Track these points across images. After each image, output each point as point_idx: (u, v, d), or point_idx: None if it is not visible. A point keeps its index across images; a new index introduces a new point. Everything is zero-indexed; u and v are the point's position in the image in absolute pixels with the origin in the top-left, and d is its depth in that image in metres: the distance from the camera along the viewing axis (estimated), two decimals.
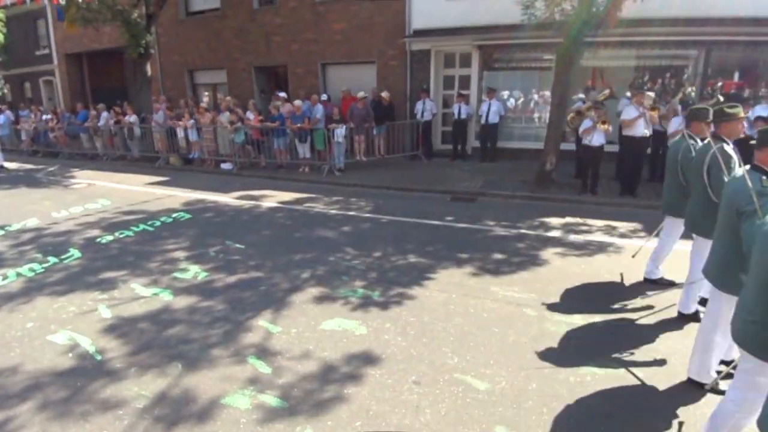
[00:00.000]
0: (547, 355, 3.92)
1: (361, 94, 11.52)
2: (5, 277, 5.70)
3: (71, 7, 12.89)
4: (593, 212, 7.94)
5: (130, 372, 3.79)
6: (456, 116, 11.87)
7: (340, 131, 11.03)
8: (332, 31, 13.59)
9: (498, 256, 6.02)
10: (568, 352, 3.96)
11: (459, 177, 10.41)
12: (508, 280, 5.29)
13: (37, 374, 3.80)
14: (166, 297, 5.07)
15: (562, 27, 8.23)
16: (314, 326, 4.41)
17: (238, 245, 6.58)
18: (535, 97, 12.22)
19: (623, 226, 7.24)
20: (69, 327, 4.50)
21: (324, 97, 12.35)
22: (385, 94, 12.08)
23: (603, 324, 4.37)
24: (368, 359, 3.89)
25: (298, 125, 11.27)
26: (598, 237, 6.82)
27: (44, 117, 16.31)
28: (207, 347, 4.11)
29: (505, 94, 12.33)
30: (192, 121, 12.45)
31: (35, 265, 6.03)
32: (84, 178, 11.90)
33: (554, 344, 4.08)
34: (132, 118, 13.67)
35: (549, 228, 7.15)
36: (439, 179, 10.22)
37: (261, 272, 5.67)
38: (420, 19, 12.33)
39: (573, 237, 6.75)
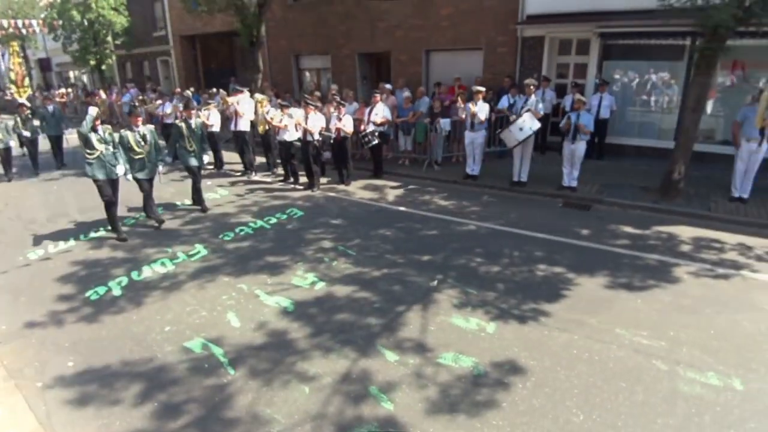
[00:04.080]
0: (678, 422, 3.63)
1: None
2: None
3: None
4: (727, 229, 7.31)
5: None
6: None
7: (446, 122, 10.73)
8: (439, 16, 13.21)
9: (622, 290, 5.60)
10: (702, 420, 3.64)
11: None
12: (634, 321, 4.93)
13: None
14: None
15: (706, 22, 7.25)
16: (431, 358, 4.42)
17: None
18: (660, 89, 11.11)
19: (761, 245, 6.51)
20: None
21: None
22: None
23: (742, 389, 3.94)
24: (489, 404, 3.85)
25: (401, 119, 11.21)
26: (731, 256, 6.34)
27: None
28: None
29: (619, 85, 11.34)
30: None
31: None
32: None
33: (687, 408, 3.76)
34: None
35: (677, 253, 6.54)
36: (548, 177, 9.65)
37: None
38: (535, 4, 11.58)
39: (706, 267, 6.12)
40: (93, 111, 7.03)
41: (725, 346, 4.50)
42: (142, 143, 7.42)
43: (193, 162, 8.41)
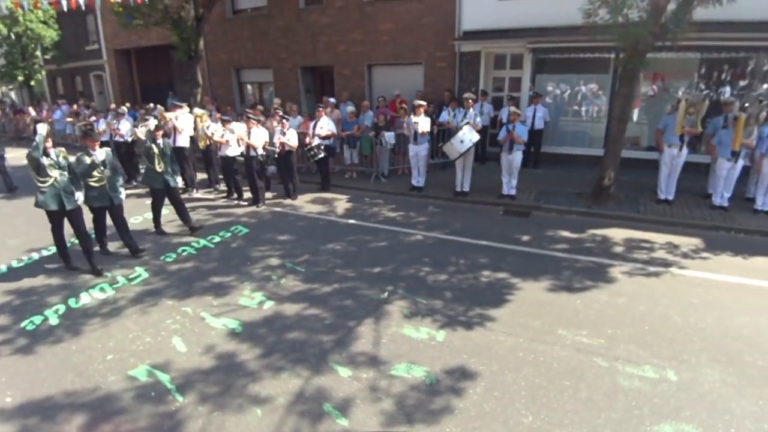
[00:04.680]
0: (620, 415, 3.83)
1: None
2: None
3: (115, 6, 13.06)
4: (655, 230, 7.88)
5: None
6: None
7: (390, 135, 10.87)
8: (379, 31, 13.45)
9: (562, 292, 5.88)
10: (642, 412, 3.86)
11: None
12: (574, 321, 5.18)
13: None
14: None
15: (627, 38, 7.81)
16: (384, 371, 4.44)
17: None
18: (589, 100, 11.82)
19: (687, 243, 7.05)
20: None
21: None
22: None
23: (676, 380, 4.22)
24: (444, 411, 3.91)
25: (346, 132, 11.28)
26: (661, 255, 6.84)
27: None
28: None
29: (552, 97, 11.98)
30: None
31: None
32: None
33: (628, 401, 3.98)
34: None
35: (611, 255, 6.94)
36: (489, 187, 10.01)
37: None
38: (470, 20, 12.05)
39: (639, 266, 6.53)
40: (42, 129, 6.16)
41: (658, 339, 4.81)
42: (102, 168, 6.71)
43: (160, 185, 7.76)
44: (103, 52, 21.86)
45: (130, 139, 11.58)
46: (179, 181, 8.15)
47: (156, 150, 7.63)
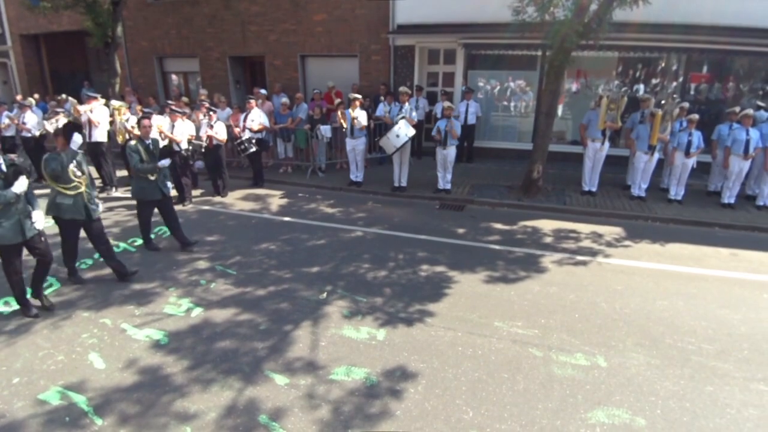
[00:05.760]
0: (556, 404, 3.93)
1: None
2: None
3: None
4: (581, 220, 8.26)
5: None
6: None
7: (326, 129, 10.61)
8: (312, 22, 13.09)
9: (497, 284, 5.99)
10: (576, 400, 3.98)
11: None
12: (509, 312, 5.28)
13: None
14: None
15: (554, 37, 8.07)
16: (323, 376, 4.29)
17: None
18: (518, 96, 12.18)
19: (610, 232, 7.44)
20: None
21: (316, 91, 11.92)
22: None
23: (606, 366, 4.40)
24: (383, 414, 3.82)
25: (280, 125, 10.91)
26: (587, 244, 7.18)
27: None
28: None
29: (483, 93, 12.25)
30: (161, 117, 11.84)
31: None
32: None
33: (562, 390, 4.10)
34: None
35: (542, 245, 7.18)
36: (425, 181, 10.06)
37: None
38: (404, 14, 11.98)
39: (567, 255, 6.80)
40: (23, 184, 4.80)
41: (588, 327, 5.01)
42: (78, 173, 5.42)
43: (157, 194, 6.60)
44: (7, 37, 19.73)
45: (38, 134, 10.58)
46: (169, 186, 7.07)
47: (143, 152, 6.41)
